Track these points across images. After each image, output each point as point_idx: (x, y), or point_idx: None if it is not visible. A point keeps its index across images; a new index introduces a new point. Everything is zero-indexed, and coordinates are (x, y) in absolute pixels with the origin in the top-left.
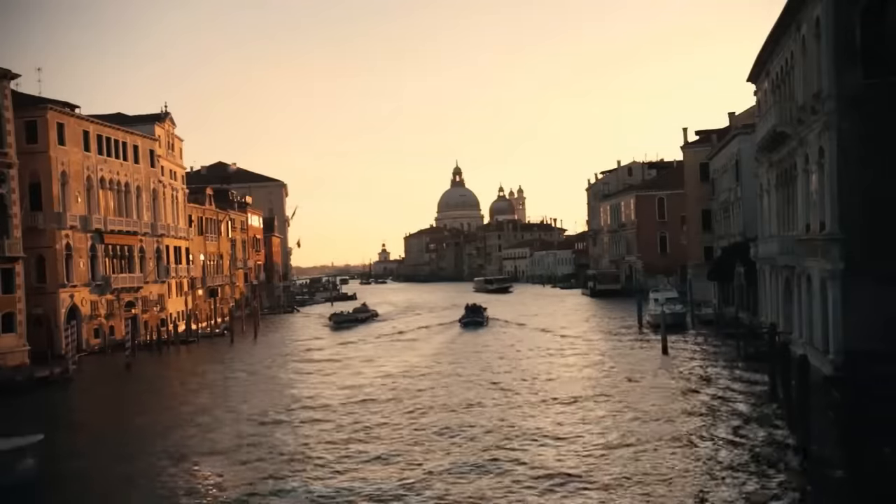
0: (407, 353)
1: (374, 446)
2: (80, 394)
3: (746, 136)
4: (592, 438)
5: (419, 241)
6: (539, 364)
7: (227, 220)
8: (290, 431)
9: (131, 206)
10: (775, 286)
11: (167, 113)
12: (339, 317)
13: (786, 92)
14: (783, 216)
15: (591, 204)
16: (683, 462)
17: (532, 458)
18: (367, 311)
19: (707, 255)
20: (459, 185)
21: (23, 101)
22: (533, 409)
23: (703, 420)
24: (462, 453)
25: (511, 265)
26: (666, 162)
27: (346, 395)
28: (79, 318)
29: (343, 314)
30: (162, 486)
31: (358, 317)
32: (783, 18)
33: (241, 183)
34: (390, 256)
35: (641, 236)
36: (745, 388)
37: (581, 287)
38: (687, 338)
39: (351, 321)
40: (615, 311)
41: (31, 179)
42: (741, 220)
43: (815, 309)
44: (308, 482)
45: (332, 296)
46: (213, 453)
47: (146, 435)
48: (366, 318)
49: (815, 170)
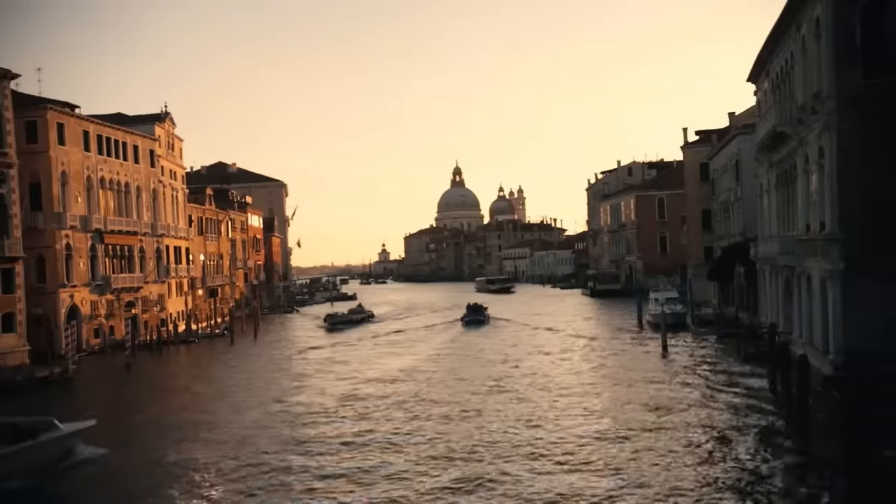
0: (408, 353)
1: (374, 449)
2: (80, 393)
3: (746, 136)
4: (592, 440)
5: (419, 241)
6: (540, 365)
7: (227, 220)
8: (289, 431)
9: (131, 206)
10: (775, 286)
11: (167, 113)
12: (334, 318)
13: (786, 92)
14: (783, 216)
15: (591, 204)
16: (683, 462)
17: (530, 463)
18: (362, 312)
19: (707, 255)
20: (459, 185)
21: (23, 101)
22: (533, 411)
23: (702, 420)
24: (463, 466)
25: (511, 265)
26: (666, 162)
27: (346, 395)
28: (79, 318)
29: (338, 315)
30: (160, 486)
31: (353, 318)
32: (783, 18)
33: (241, 183)
34: (390, 256)
35: (641, 236)
36: (745, 389)
37: (581, 287)
38: (687, 338)
39: (346, 322)
40: (615, 311)
41: (31, 179)
42: (741, 220)
43: (815, 309)
44: (307, 482)
45: (331, 296)
46: (213, 453)
47: (145, 434)
48: (361, 319)
49: (815, 170)
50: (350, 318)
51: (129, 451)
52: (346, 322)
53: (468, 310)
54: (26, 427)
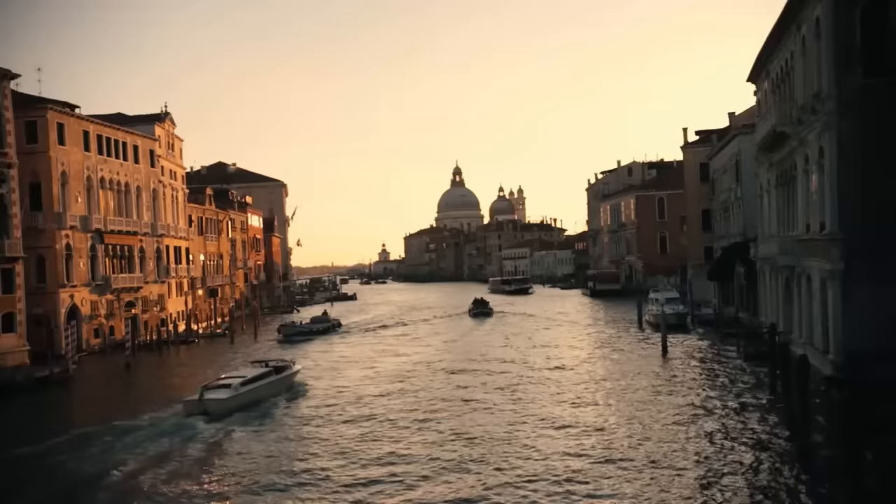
0: (410, 349)
1: (377, 448)
2: (80, 393)
3: (746, 136)
4: (591, 439)
5: (419, 241)
6: (540, 366)
7: (227, 220)
8: (289, 431)
9: (131, 206)
10: (775, 286)
11: (167, 113)
12: (290, 328)
13: (786, 92)
14: (783, 216)
15: (591, 204)
16: (682, 463)
17: (530, 461)
18: (326, 321)
19: (707, 255)
20: (459, 185)
21: (23, 101)
22: (532, 413)
23: (702, 420)
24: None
25: (511, 265)
26: (666, 162)
27: (348, 396)
28: (79, 318)
29: (295, 325)
30: (157, 485)
31: (313, 328)
32: (783, 18)
33: (241, 183)
34: (390, 256)
35: (641, 236)
36: (745, 389)
37: (581, 287)
38: (687, 338)
39: (304, 333)
40: (615, 311)
41: (31, 179)
42: (741, 220)
43: (815, 309)
44: (307, 482)
45: (331, 296)
46: (213, 453)
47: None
48: (324, 329)
49: (815, 170)
50: (310, 328)
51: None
52: (304, 333)
53: (475, 304)
54: (277, 366)
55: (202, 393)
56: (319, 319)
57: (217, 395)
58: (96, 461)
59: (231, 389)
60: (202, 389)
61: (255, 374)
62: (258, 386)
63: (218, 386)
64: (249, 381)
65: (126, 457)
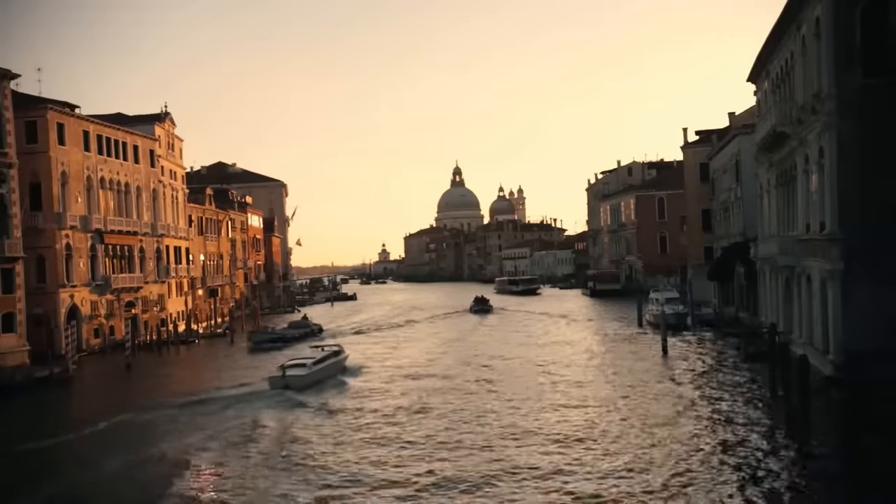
0: (410, 349)
1: (382, 450)
2: (79, 393)
3: (746, 136)
4: (589, 440)
5: (419, 241)
6: (540, 367)
7: (227, 220)
8: (288, 432)
9: (131, 206)
10: (775, 286)
11: (167, 113)
12: (260, 335)
13: (786, 92)
14: (783, 216)
15: (591, 204)
16: (682, 463)
17: (530, 462)
18: (304, 327)
19: (707, 255)
20: (459, 185)
21: (23, 101)
22: (532, 414)
23: (702, 420)
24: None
25: (511, 265)
26: (666, 162)
27: (349, 396)
28: (79, 318)
29: (267, 331)
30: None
31: (286, 335)
32: (783, 18)
33: (241, 183)
34: (390, 256)
35: (641, 236)
36: (746, 389)
37: (581, 287)
38: (687, 338)
39: (277, 340)
40: (615, 311)
41: (31, 179)
42: (741, 220)
43: (815, 309)
44: (306, 482)
45: (331, 296)
46: (212, 452)
47: (144, 433)
48: (301, 335)
49: (815, 170)
50: (283, 334)
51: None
52: (276, 340)
53: (476, 301)
54: (334, 350)
55: (284, 371)
56: (297, 325)
57: (297, 371)
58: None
59: (307, 368)
60: (282, 368)
61: (322, 356)
62: (325, 366)
63: (295, 364)
64: (318, 361)
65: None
